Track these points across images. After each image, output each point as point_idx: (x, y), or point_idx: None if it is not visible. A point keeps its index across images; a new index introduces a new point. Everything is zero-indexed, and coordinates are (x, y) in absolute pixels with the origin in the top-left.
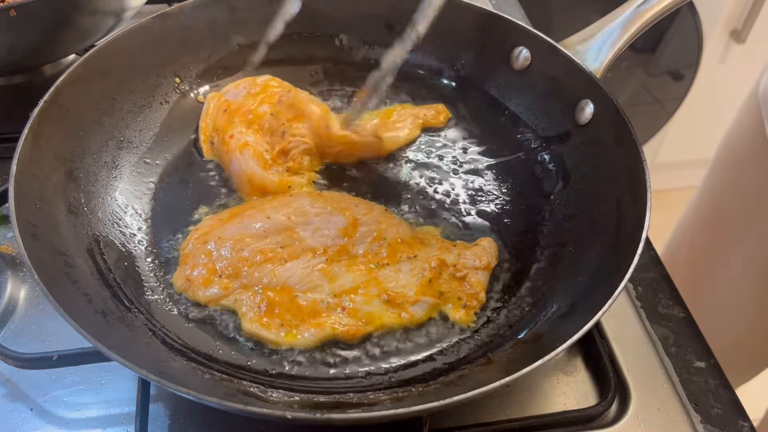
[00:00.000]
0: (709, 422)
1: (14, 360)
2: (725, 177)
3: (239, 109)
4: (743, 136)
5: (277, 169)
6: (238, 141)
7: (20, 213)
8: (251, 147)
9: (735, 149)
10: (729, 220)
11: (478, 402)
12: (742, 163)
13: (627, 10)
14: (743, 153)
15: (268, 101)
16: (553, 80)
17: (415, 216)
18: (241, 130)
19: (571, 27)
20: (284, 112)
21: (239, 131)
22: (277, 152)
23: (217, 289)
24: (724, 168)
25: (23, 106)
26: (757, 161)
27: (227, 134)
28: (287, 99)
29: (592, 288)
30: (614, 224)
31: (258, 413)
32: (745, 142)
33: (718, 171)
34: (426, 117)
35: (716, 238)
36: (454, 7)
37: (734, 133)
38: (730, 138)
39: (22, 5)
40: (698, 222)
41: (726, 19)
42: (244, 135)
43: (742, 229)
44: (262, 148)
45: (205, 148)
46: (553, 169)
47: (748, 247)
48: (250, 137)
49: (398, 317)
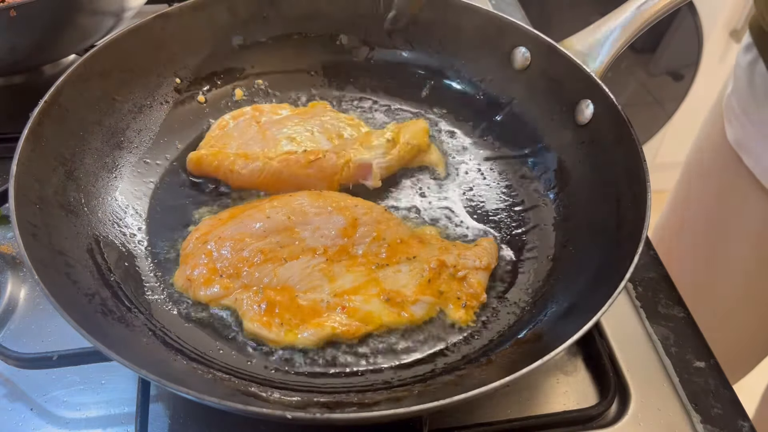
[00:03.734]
0: (709, 422)
1: (14, 360)
2: (695, 184)
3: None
4: (710, 143)
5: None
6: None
7: (20, 213)
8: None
9: (702, 155)
10: (702, 227)
11: (478, 402)
12: (711, 169)
13: (627, 10)
14: (711, 158)
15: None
16: (553, 80)
17: (415, 216)
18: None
19: (571, 27)
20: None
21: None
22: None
23: (217, 288)
24: (694, 174)
25: (23, 106)
26: (723, 167)
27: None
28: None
29: (592, 288)
30: (614, 224)
31: (258, 413)
32: (712, 147)
33: (689, 177)
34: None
35: (690, 246)
36: (454, 7)
37: (701, 140)
38: (698, 145)
39: (22, 5)
40: (671, 231)
41: (726, 19)
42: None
43: (713, 233)
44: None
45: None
46: (553, 169)
47: (722, 252)
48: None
49: (398, 317)
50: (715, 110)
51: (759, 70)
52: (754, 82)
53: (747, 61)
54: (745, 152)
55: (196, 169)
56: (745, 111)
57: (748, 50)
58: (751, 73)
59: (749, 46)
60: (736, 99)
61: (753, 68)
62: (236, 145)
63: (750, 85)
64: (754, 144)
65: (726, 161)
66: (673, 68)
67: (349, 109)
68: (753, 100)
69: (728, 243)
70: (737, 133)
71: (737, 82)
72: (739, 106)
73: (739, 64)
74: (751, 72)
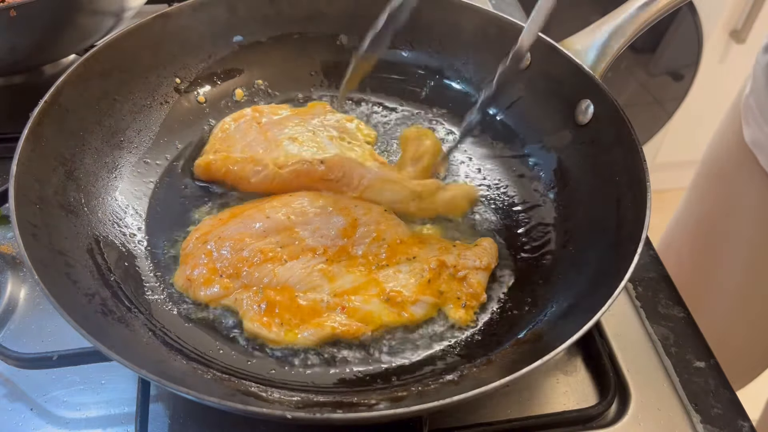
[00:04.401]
0: (709, 422)
1: (14, 360)
2: (710, 183)
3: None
4: (726, 143)
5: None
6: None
7: (20, 213)
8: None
9: (718, 155)
10: (715, 226)
11: (478, 402)
12: (725, 168)
13: (627, 10)
14: (726, 158)
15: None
16: (553, 80)
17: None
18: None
19: (571, 27)
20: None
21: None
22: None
23: (217, 288)
24: (709, 174)
25: (23, 106)
26: (738, 167)
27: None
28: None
29: (592, 288)
30: (614, 224)
31: (258, 413)
32: (728, 147)
33: (704, 177)
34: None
35: (703, 245)
36: (454, 7)
37: (718, 139)
38: (714, 144)
39: (22, 5)
40: (685, 229)
41: (726, 19)
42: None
43: (728, 236)
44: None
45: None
46: (553, 169)
47: (735, 255)
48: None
49: (398, 316)
50: (732, 111)
51: None
52: None
53: (766, 61)
54: (761, 152)
55: (204, 175)
56: (762, 111)
57: (767, 50)
58: None
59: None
60: (755, 99)
61: None
62: (240, 147)
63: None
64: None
65: (742, 162)
66: (673, 68)
67: (349, 110)
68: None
69: (744, 247)
70: (754, 134)
71: (756, 82)
72: (758, 106)
73: (759, 63)
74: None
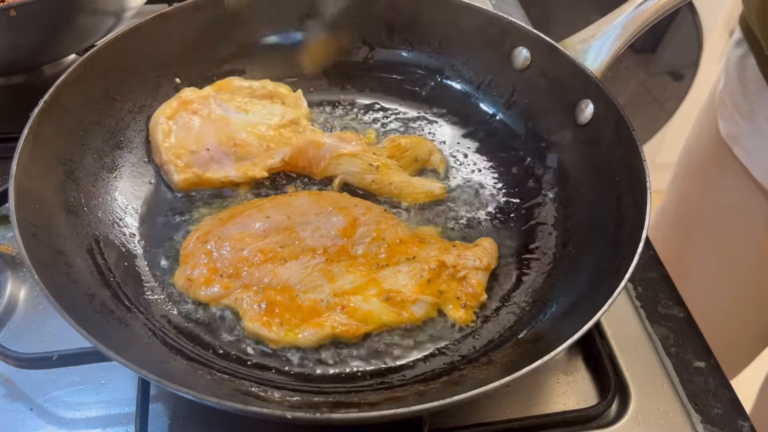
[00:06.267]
0: (709, 422)
1: (14, 360)
2: (689, 174)
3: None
4: (703, 136)
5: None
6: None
7: (20, 213)
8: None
9: (697, 147)
10: (694, 214)
11: (478, 402)
12: (704, 160)
13: (627, 10)
14: (704, 150)
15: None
16: (553, 80)
17: (415, 216)
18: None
19: (571, 27)
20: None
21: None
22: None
23: (218, 288)
24: (689, 165)
25: (23, 106)
26: (715, 158)
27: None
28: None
29: (592, 288)
30: (614, 224)
31: (258, 413)
32: (705, 140)
33: (684, 167)
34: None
35: (684, 232)
36: (454, 7)
37: (696, 132)
38: (692, 136)
39: (22, 5)
40: (668, 217)
41: (726, 19)
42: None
43: (704, 224)
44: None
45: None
46: (553, 169)
47: (710, 241)
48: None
49: (398, 316)
50: (708, 106)
51: (749, 65)
52: (745, 76)
53: (737, 55)
54: (737, 146)
55: (190, 189)
56: (736, 105)
57: (738, 45)
58: (742, 68)
59: (740, 41)
60: (728, 94)
61: (743, 63)
62: (193, 140)
63: (740, 79)
64: (746, 138)
65: (719, 156)
66: (673, 68)
67: (348, 110)
68: (743, 95)
69: (721, 237)
70: (730, 128)
71: (728, 76)
72: (731, 101)
73: (730, 59)
74: (742, 66)
